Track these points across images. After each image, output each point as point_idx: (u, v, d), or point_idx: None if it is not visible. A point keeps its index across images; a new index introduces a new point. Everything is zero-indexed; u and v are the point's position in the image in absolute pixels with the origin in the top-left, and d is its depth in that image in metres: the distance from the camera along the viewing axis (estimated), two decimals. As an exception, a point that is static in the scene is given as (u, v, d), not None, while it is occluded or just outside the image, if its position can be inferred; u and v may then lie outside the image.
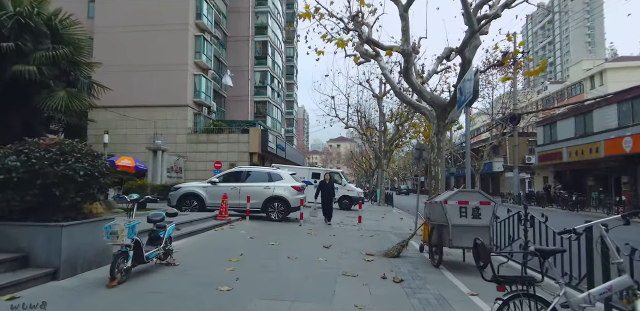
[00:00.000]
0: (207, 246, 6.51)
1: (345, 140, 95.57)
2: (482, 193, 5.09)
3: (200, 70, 25.41)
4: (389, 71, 10.27)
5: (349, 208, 18.17)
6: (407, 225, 12.35)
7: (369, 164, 42.52)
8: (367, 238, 8.33)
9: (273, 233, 8.57)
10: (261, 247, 6.64)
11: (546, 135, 28.49)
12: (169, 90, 23.70)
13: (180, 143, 23.91)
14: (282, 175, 11.44)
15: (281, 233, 8.46)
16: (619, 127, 20.17)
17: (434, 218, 5.66)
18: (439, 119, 9.07)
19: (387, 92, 21.84)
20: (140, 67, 23.80)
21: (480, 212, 5.04)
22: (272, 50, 33.46)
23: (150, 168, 20.03)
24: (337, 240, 7.78)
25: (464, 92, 7.00)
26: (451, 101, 8.64)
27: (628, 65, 38.89)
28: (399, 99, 9.84)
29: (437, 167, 9.08)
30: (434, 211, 5.61)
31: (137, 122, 23.67)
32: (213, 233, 8.19)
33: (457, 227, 5.03)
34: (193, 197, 11.17)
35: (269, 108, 32.84)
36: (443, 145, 9.21)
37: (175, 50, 23.85)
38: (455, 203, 5.07)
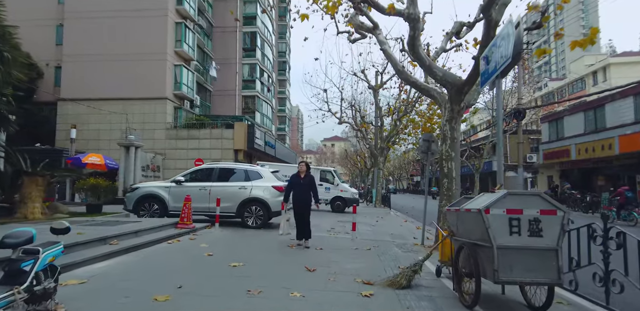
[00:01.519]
0: (137, 272, 4.61)
1: (340, 139, 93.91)
2: (544, 196, 3.26)
3: (181, 60, 23.43)
4: (388, 47, 8.42)
5: (342, 211, 16.34)
6: (409, 231, 10.54)
7: (364, 163, 40.75)
8: (363, 253, 6.49)
9: (243, 246, 6.70)
10: (216, 271, 4.77)
11: (552, 131, 26.87)
12: (146, 82, 21.71)
13: (159, 139, 21.93)
14: (262, 173, 9.57)
15: (253, 247, 6.59)
16: (637, 122, 18.55)
17: (463, 233, 3.82)
18: (453, 103, 7.26)
19: (383, 83, 20.04)
20: (115, 56, 21.78)
21: (542, 226, 3.22)
22: (261, 42, 31.53)
23: (122, 167, 18.02)
24: (324, 257, 5.93)
25: (494, 58, 5.19)
26: (469, 79, 6.83)
27: (633, 60, 37.49)
28: (401, 80, 8.02)
29: (450, 162, 7.27)
30: (463, 223, 3.77)
31: (111, 116, 21.65)
32: (162, 247, 6.29)
33: (507, 250, 3.20)
34: (153, 199, 9.27)
35: (258, 103, 30.91)
36: (457, 134, 7.41)
37: (154, 38, 21.86)
38: (502, 213, 3.24)
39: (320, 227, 10.50)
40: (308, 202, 6.87)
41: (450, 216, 4.12)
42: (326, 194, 16.68)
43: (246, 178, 9.47)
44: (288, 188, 6.98)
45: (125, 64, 21.74)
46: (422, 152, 8.02)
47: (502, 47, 4.83)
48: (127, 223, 7.49)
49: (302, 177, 6.88)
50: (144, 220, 8.07)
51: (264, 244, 7.02)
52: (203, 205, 9.15)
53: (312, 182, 6.93)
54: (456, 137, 7.37)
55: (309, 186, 6.85)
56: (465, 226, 3.71)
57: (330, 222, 12.07)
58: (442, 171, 7.39)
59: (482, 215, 3.23)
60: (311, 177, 6.97)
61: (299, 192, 6.82)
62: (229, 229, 8.78)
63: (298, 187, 6.83)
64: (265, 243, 7.16)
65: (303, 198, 6.84)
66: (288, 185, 7.00)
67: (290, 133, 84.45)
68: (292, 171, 17.06)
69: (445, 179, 7.28)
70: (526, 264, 3.18)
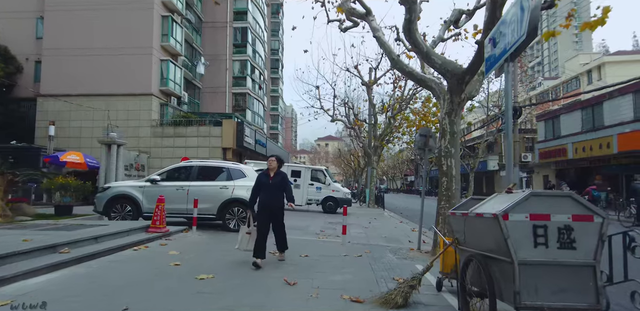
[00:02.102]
0: (79, 288, 3.86)
1: (334, 138, 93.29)
2: (577, 198, 2.58)
3: (168, 55, 22.56)
4: (382, 34, 7.73)
5: (334, 211, 15.66)
6: (403, 233, 9.87)
7: (357, 162, 40.14)
8: (353, 261, 5.78)
9: (218, 253, 5.96)
10: (178, 286, 4.04)
11: (548, 130, 26.44)
12: (131, 77, 20.81)
13: (144, 137, 21.04)
14: (245, 171, 8.83)
15: (230, 254, 5.85)
16: (636, 120, 18.10)
17: (472, 242, 3.12)
18: (453, 94, 6.59)
19: (377, 79, 19.38)
20: (98, 50, 20.85)
21: (575, 235, 2.54)
22: (252, 38, 30.72)
23: (103, 166, 17.12)
24: (308, 266, 5.22)
25: (503, 39, 4.52)
26: (471, 66, 6.16)
27: (628, 59, 37.30)
28: (397, 70, 7.31)
29: (450, 158, 6.60)
30: (473, 230, 3.07)
31: (94, 113, 20.72)
32: (125, 256, 5.54)
33: (531, 267, 2.51)
34: (126, 200, 8.49)
35: (249, 101, 30.10)
36: (458, 129, 6.75)
37: (139, 32, 20.96)
38: (524, 219, 2.55)
39: (309, 229, 9.80)
40: (279, 206, 5.42)
41: (456, 221, 3.43)
42: (317, 194, 16.00)
43: (228, 177, 8.73)
44: (254, 190, 5.42)
45: (109, 58, 20.84)
46: (418, 148, 7.35)
47: (514, 24, 4.16)
48: (92, 227, 6.72)
49: (272, 176, 5.37)
50: (112, 224, 7.30)
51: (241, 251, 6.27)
52: (180, 206, 8.39)
53: (283, 181, 5.42)
54: (456, 132, 6.70)
55: (280, 187, 5.37)
56: (476, 234, 3.02)
57: (320, 223, 11.37)
58: (440, 169, 6.72)
59: (500, 222, 2.54)
60: (283, 176, 5.45)
61: (267, 194, 5.30)
62: (208, 233, 8.04)
63: (266, 189, 5.32)
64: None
65: (272, 202, 5.30)
66: (254, 187, 5.45)
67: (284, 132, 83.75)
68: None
69: (444, 178, 6.60)
70: (555, 284, 2.49)
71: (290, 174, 16.01)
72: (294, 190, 16.75)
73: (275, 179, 5.37)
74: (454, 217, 3.40)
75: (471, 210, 3.02)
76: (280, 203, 5.41)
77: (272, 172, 5.42)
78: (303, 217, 13.27)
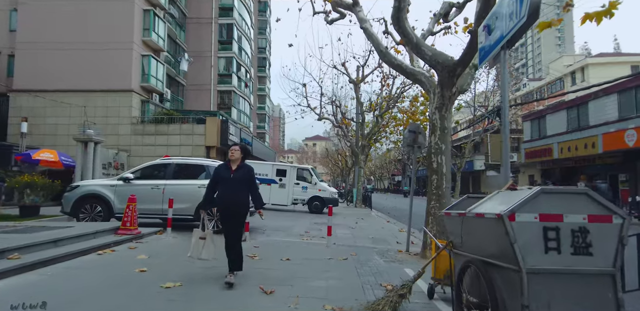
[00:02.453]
0: (19, 301, 3.36)
1: (322, 138, 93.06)
2: (593, 195, 2.23)
3: (150, 50, 21.81)
4: (369, 25, 7.37)
5: (320, 211, 15.24)
6: (391, 234, 9.54)
7: (345, 162, 39.85)
8: (338, 265, 5.38)
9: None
10: (139, 296, 3.58)
11: (534, 130, 26.56)
12: (110, 72, 20.01)
13: (124, 134, 20.27)
14: (225, 169, 8.34)
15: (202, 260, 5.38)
16: (620, 119, 18.20)
17: (470, 246, 2.75)
18: (444, 87, 6.26)
19: (365, 77, 19.06)
20: (76, 44, 20.00)
21: (591, 239, 2.19)
22: (238, 35, 30.09)
23: (79, 164, 16.36)
24: (289, 271, 4.80)
25: (499, 25, 4.19)
26: (463, 57, 5.84)
27: (610, 60, 37.94)
28: (385, 63, 6.94)
29: (440, 155, 6.27)
30: (471, 232, 2.70)
31: (70, 109, 19.85)
32: (86, 261, 5.02)
33: (541, 276, 2.15)
34: (96, 199, 7.92)
35: (235, 98, 29.47)
36: (449, 124, 6.42)
37: (119, 25, 20.17)
38: (533, 221, 2.19)
39: (294, 230, 9.38)
40: (241, 208, 4.27)
41: (451, 222, 3.06)
42: (303, 194, 15.57)
43: (207, 175, 8.22)
44: (209, 186, 4.38)
45: (87, 53, 20.01)
46: (407, 145, 7.00)
47: (513, 6, 3.82)
48: (55, 229, 6.17)
49: (234, 169, 4.27)
50: (78, 225, 6.75)
51: (219, 253, 5.81)
52: (155, 206, 7.87)
53: (248, 176, 4.31)
54: (447, 127, 6.38)
55: (242, 183, 4.24)
56: (475, 237, 2.65)
57: (305, 224, 10.96)
58: (430, 166, 6.38)
59: (505, 223, 2.17)
60: (248, 170, 4.35)
61: (226, 191, 4.21)
62: (184, 235, 7.53)
63: (226, 184, 4.22)
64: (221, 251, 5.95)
65: (232, 201, 4.20)
66: (210, 181, 4.42)
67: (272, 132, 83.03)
68: (261, 168, 16.03)
69: (434, 175, 6.27)
70: (569, 296, 2.14)
71: (276, 173, 15.56)
72: (280, 190, 16.34)
73: (238, 173, 4.25)
74: (449, 217, 3.03)
75: (469, 209, 2.65)
76: (243, 203, 4.27)
77: (234, 164, 4.32)
78: (288, 217, 12.84)
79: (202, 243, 4.41)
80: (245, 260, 5.32)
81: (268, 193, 15.27)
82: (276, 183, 15.43)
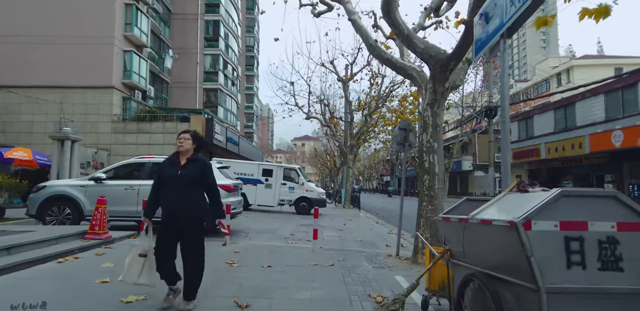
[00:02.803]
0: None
1: (310, 138, 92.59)
2: (623, 198, 1.88)
3: (132, 45, 21.07)
4: (358, 17, 7.00)
5: (307, 212, 14.81)
6: (379, 236, 9.20)
7: (333, 162, 39.54)
8: (323, 272, 4.99)
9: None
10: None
11: (521, 130, 26.64)
12: (89, 68, 19.25)
13: (104, 133, 19.52)
14: (206, 168, 7.87)
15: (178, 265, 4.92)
16: (607, 120, 18.27)
17: (474, 256, 2.38)
18: (436, 82, 5.92)
19: (354, 75, 18.74)
20: (53, 38, 19.18)
21: (622, 251, 1.84)
22: (225, 32, 29.47)
23: (55, 163, 15.61)
24: (270, 280, 4.39)
25: (497, 11, 3.86)
26: (457, 51, 5.50)
27: (594, 63, 38.48)
28: (374, 57, 6.57)
29: (432, 154, 5.93)
30: (475, 241, 2.33)
31: (47, 106, 19.01)
32: (43, 270, 4.52)
33: (563, 296, 1.78)
34: (64, 201, 7.37)
35: (221, 97, 28.84)
36: (441, 122, 6.09)
37: (99, 19, 19.41)
38: (553, 229, 1.83)
39: (278, 232, 8.95)
40: (190, 216, 3.22)
41: (449, 228, 2.69)
42: (290, 194, 15.13)
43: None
44: (153, 187, 3.33)
45: (65, 47, 19.20)
46: (397, 143, 6.64)
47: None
48: (14, 233, 5.62)
49: (182, 164, 3.24)
50: (41, 229, 6.20)
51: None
52: (130, 208, 7.36)
53: (201, 173, 3.25)
54: (439, 125, 6.04)
55: (193, 181, 3.22)
56: (480, 247, 2.28)
57: (291, 226, 10.54)
58: (421, 166, 6.03)
59: (519, 233, 1.80)
60: (202, 164, 3.30)
61: (170, 193, 3.19)
62: (160, 239, 7.03)
63: (172, 184, 3.20)
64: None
65: (180, 205, 3.18)
66: (154, 181, 3.35)
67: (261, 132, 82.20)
68: (247, 168, 15.53)
69: (425, 176, 5.92)
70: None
71: (262, 173, 15.08)
72: (266, 190, 15.80)
73: (188, 169, 3.20)
74: (447, 223, 2.66)
75: (473, 215, 2.28)
76: (193, 209, 3.20)
77: (182, 158, 3.26)
78: (274, 219, 12.41)
79: (142, 263, 3.22)
80: (222, 267, 4.90)
81: (254, 193, 14.80)
82: (262, 184, 14.95)
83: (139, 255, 3.27)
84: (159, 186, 3.30)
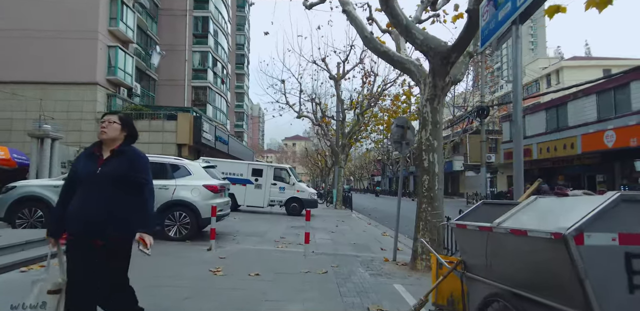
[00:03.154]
0: None
1: (301, 138, 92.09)
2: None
3: (117, 41, 20.38)
4: (353, 8, 6.62)
5: (298, 213, 14.38)
6: (374, 239, 8.83)
7: (324, 162, 39.16)
8: (316, 280, 4.58)
9: (136, 273, 4.56)
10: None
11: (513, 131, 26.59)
12: (72, 64, 18.52)
13: (87, 131, 18.79)
14: (190, 168, 7.42)
15: (152, 274, 4.48)
16: (599, 120, 18.23)
17: (499, 272, 1.99)
18: (436, 76, 5.57)
19: (346, 73, 18.38)
20: (34, 32, 18.41)
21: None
22: (214, 29, 28.86)
23: (33, 162, 14.92)
24: (257, 292, 3.96)
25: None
26: (459, 42, 5.15)
27: (583, 64, 38.83)
28: (370, 50, 6.17)
29: (432, 153, 5.57)
30: (500, 254, 1.94)
31: (27, 103, 18.24)
32: (1, 281, 4.02)
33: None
34: (36, 202, 6.83)
35: (211, 95, 28.23)
36: (441, 118, 5.74)
37: (82, 13, 18.69)
38: (611, 244, 1.44)
39: (268, 235, 8.51)
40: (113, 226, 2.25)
41: (465, 237, 2.31)
42: (281, 195, 14.67)
43: (169, 175, 7.28)
44: (64, 191, 2.40)
45: (47, 42, 18.44)
46: (394, 141, 6.27)
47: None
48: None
49: (105, 158, 2.37)
50: (6, 234, 5.67)
51: (174, 267, 4.92)
52: (108, 210, 6.83)
53: (132, 168, 2.36)
54: (439, 122, 5.69)
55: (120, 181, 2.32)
56: (509, 261, 1.90)
57: (281, 228, 10.11)
58: (420, 165, 5.67)
59: (568, 248, 1.42)
60: (132, 157, 2.39)
61: (87, 196, 2.28)
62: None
63: (88, 185, 2.30)
64: (177, 266, 5.05)
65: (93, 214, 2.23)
66: (66, 180, 2.43)
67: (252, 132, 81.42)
68: (236, 168, 15.02)
69: (425, 176, 5.56)
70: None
71: (251, 173, 14.59)
72: (255, 190, 15.28)
73: (111, 165, 2.34)
74: (464, 230, 2.27)
75: (498, 222, 1.90)
76: (116, 221, 2.28)
77: (106, 149, 2.41)
78: (264, 221, 11.96)
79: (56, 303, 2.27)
80: (204, 276, 4.46)
81: (243, 194, 14.32)
82: (252, 184, 14.48)
83: (49, 292, 2.26)
84: (69, 188, 2.36)
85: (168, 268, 4.84)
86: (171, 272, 4.61)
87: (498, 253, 1.95)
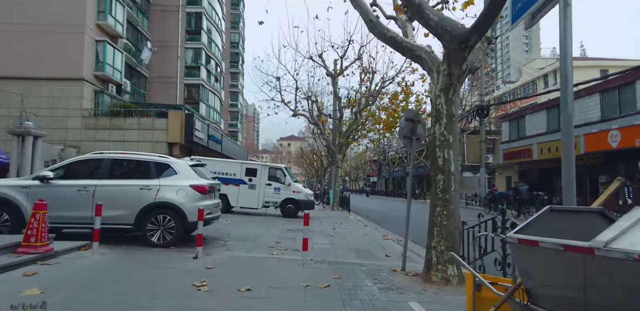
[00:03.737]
0: None
1: (297, 138, 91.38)
2: None
3: (105, 35, 19.58)
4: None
5: (294, 215, 13.70)
6: (375, 243, 8.19)
7: (320, 162, 38.50)
8: (317, 296, 3.93)
9: (108, 289, 3.87)
10: None
11: (512, 131, 26.16)
12: (57, 58, 17.71)
13: (73, 128, 18.00)
14: (176, 166, 6.72)
15: (129, 289, 3.80)
16: (603, 120, 17.78)
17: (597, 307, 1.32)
18: (452, 63, 4.94)
19: (344, 70, 17.75)
20: (17, 26, 17.59)
21: None
22: (208, 25, 28.12)
23: (14, 161, 14.09)
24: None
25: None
26: (479, 23, 4.51)
27: (580, 64, 38.56)
28: (375, 36, 5.52)
29: (447, 150, 4.95)
30: (610, 287, 1.27)
31: (10, 99, 17.38)
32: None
33: None
34: (1, 205, 6.10)
35: (204, 93, 27.47)
36: (456, 110, 5.12)
37: (68, 5, 17.90)
38: None
39: (262, 240, 7.84)
40: None
41: (540, 257, 1.65)
42: (276, 196, 13.98)
43: (152, 174, 6.58)
44: None
45: (31, 35, 17.62)
46: (404, 136, 5.63)
47: None
48: None
49: None
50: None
51: (152, 280, 4.23)
52: (83, 213, 6.14)
53: None
54: (455, 114, 5.07)
55: None
56: (628, 300, 1.25)
57: (276, 231, 9.44)
58: (434, 163, 5.04)
59: None
60: None
61: None
62: (117, 250, 5.85)
63: None
64: (156, 278, 4.36)
65: None
66: None
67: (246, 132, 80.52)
68: (228, 167, 14.30)
69: (439, 175, 4.93)
70: None
71: (245, 173, 13.89)
72: (249, 191, 14.51)
73: None
74: (534, 248, 1.63)
75: (606, 242, 1.25)
76: None
77: None
78: (258, 223, 11.27)
79: None
80: (185, 293, 3.78)
81: (236, 195, 13.62)
82: (245, 184, 13.78)
83: None
84: None
85: (143, 282, 4.15)
86: (146, 287, 3.92)
87: (607, 285, 1.31)
